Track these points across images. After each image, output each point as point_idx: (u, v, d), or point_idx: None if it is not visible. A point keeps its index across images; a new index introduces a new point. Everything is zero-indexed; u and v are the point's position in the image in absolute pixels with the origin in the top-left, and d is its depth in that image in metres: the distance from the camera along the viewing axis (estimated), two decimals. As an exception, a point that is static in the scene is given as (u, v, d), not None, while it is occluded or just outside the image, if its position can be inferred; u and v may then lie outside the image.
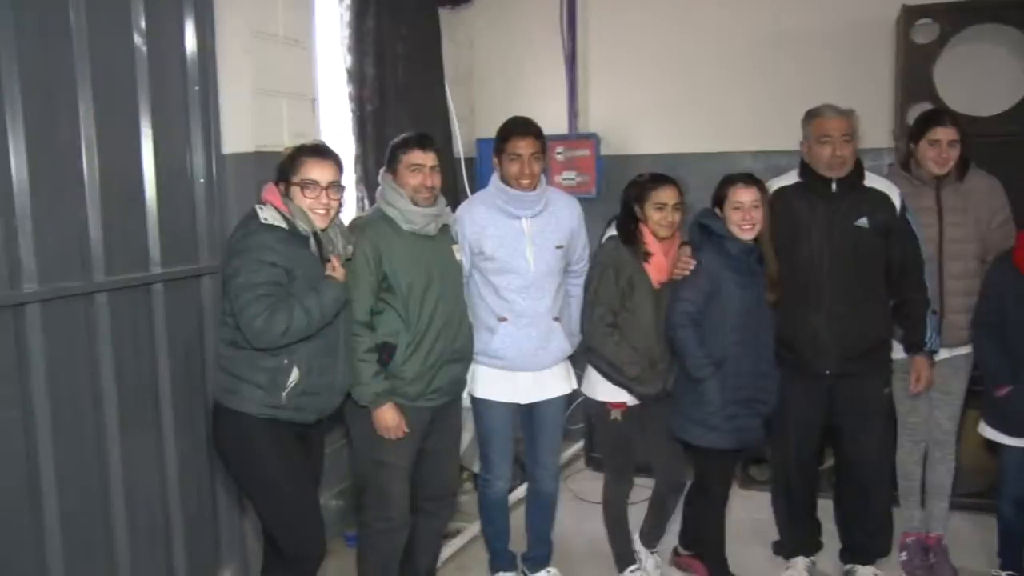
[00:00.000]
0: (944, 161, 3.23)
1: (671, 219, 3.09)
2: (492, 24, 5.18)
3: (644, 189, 3.11)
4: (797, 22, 4.63)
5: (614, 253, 3.11)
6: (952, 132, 3.23)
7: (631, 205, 3.15)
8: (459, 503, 3.79)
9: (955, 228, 3.25)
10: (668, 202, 3.08)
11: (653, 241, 3.10)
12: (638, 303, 3.10)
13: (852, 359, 3.15)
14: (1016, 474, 3.19)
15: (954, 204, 3.26)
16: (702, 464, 3.26)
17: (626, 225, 3.13)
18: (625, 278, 3.08)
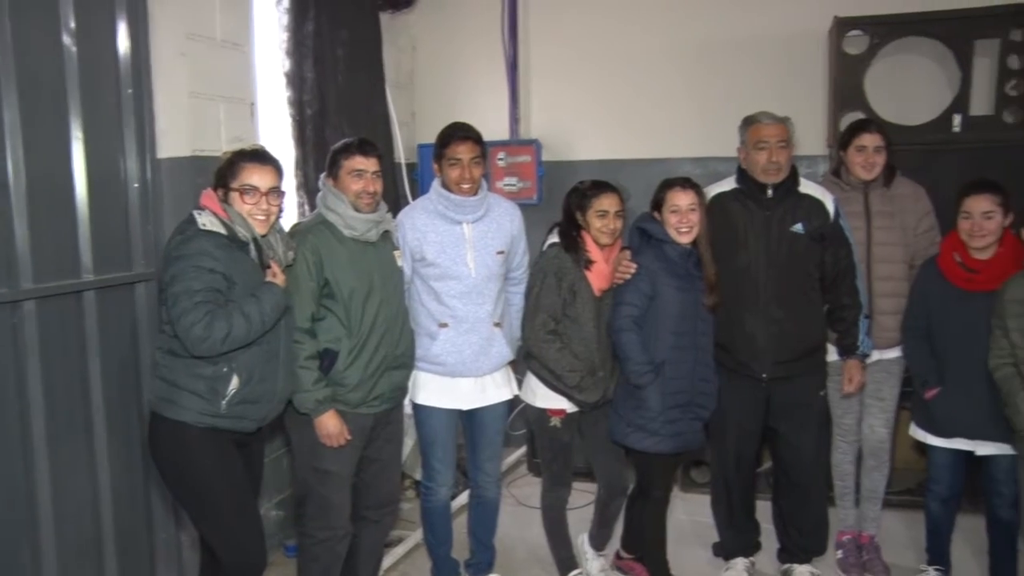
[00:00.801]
0: (871, 166, 3.33)
1: (613, 226, 3.12)
2: (434, 29, 5.18)
3: (585, 196, 3.13)
4: (735, 31, 4.72)
5: (556, 260, 3.11)
6: (877, 138, 3.34)
7: (573, 212, 3.16)
8: (401, 511, 3.77)
9: (882, 232, 3.35)
10: (609, 209, 3.11)
11: (595, 249, 3.12)
12: (579, 311, 3.11)
13: (788, 362, 3.22)
14: (943, 473, 3.28)
15: (881, 209, 3.36)
16: (643, 468, 3.29)
17: (568, 232, 3.15)
18: (567, 285, 3.10)
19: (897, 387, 3.46)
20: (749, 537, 3.59)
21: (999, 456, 3.11)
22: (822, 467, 3.47)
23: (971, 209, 3.04)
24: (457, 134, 3.09)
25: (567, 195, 3.22)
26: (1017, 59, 4.11)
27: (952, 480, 3.28)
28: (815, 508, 3.43)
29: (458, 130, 3.11)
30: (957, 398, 3.12)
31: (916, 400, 3.31)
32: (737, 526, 3.54)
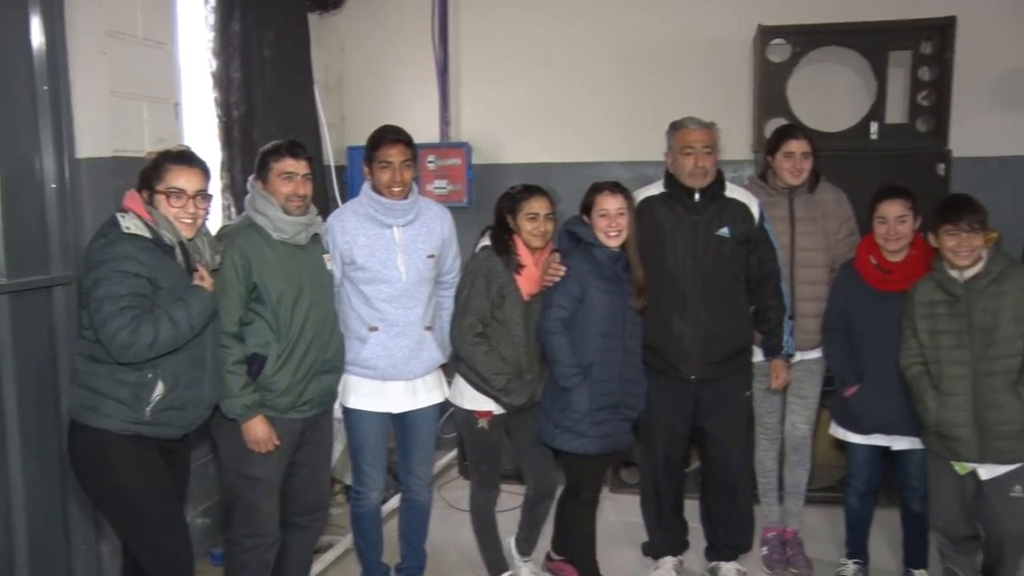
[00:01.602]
0: (798, 172, 3.42)
1: (543, 229, 3.14)
2: (363, 31, 5.14)
3: (516, 200, 3.15)
4: (664, 38, 4.80)
5: (487, 263, 3.12)
6: (805, 144, 3.42)
7: (504, 216, 3.18)
8: (331, 516, 3.73)
9: (806, 237, 3.44)
10: (540, 212, 3.13)
11: (526, 252, 3.14)
12: (508, 314, 3.13)
13: (715, 364, 3.28)
14: (862, 469, 3.39)
15: (805, 214, 3.45)
16: (572, 469, 3.32)
17: (499, 236, 3.16)
18: (496, 288, 3.11)
19: (819, 386, 3.56)
20: (677, 536, 3.64)
21: (913, 451, 3.22)
22: (748, 466, 3.54)
23: (885, 213, 3.15)
24: (388, 136, 3.08)
25: (499, 199, 3.24)
26: (928, 71, 4.29)
27: (870, 475, 3.39)
28: (741, 506, 3.50)
29: (389, 132, 3.10)
30: (874, 395, 3.22)
31: (836, 398, 3.41)
32: (666, 525, 3.59)
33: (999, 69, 4.45)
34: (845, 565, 3.53)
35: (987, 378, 2.90)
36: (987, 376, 2.90)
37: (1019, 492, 2.94)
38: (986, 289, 2.92)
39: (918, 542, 3.44)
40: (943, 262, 2.99)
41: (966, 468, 2.98)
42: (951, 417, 2.94)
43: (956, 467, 3.00)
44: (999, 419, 2.88)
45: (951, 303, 2.96)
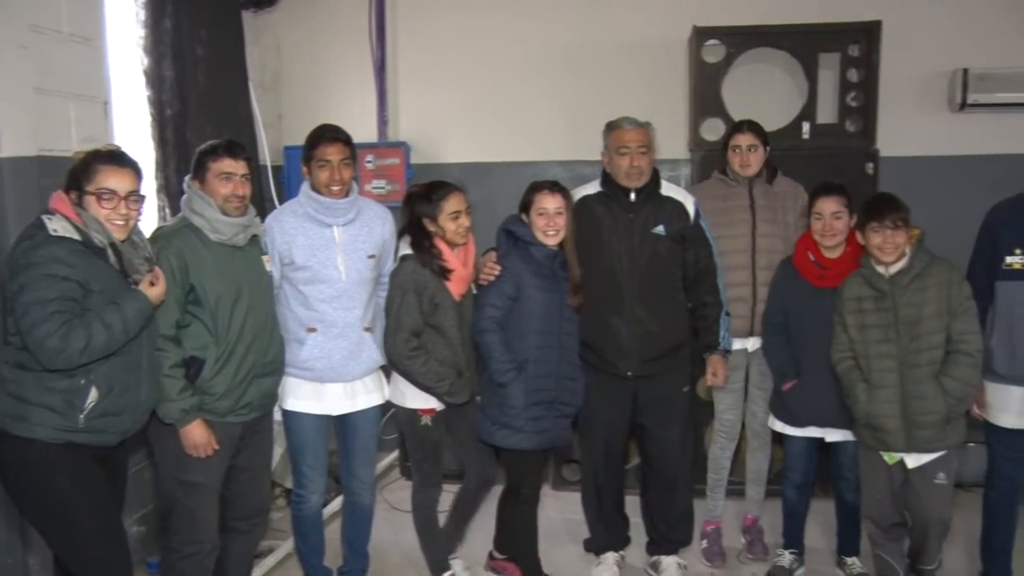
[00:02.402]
0: (745, 163, 3.51)
1: (467, 224, 3.15)
2: (299, 29, 5.07)
3: (433, 201, 3.12)
4: (601, 38, 4.84)
5: (414, 276, 3.08)
6: (749, 137, 3.52)
7: (420, 220, 3.14)
8: (271, 520, 3.68)
9: (765, 224, 3.51)
10: (461, 208, 3.14)
11: (451, 256, 3.12)
12: (442, 320, 3.12)
13: (652, 360, 3.33)
14: (798, 461, 3.47)
15: (764, 203, 3.53)
16: (511, 466, 3.34)
17: (421, 244, 3.12)
18: (428, 299, 3.09)
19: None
20: (619, 531, 3.68)
21: (846, 443, 3.31)
22: (687, 461, 3.59)
23: (822, 210, 3.23)
24: (326, 135, 3.05)
25: (409, 203, 3.19)
26: (856, 72, 4.40)
27: (806, 467, 3.47)
28: (681, 501, 3.56)
29: (327, 131, 3.07)
30: (811, 389, 3.29)
31: (775, 393, 3.48)
32: (607, 521, 3.62)
33: (923, 72, 4.60)
34: (782, 555, 3.61)
35: (912, 370, 2.99)
36: (913, 368, 2.99)
37: (942, 479, 3.05)
38: (910, 284, 3.01)
39: (851, 531, 3.54)
40: (870, 259, 3.08)
41: (894, 458, 3.08)
42: (880, 409, 3.02)
43: (885, 457, 3.09)
44: (923, 409, 2.97)
45: (878, 298, 3.05)
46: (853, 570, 3.54)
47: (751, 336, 3.52)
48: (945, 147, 4.57)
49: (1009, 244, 3.03)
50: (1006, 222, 3.10)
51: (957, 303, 2.98)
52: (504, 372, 3.12)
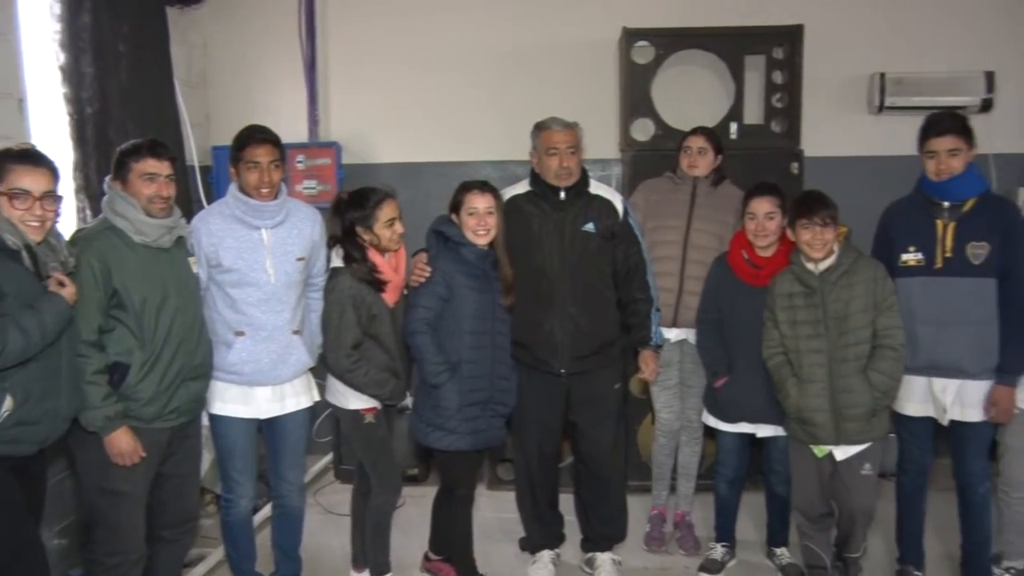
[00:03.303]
0: (693, 164, 3.63)
1: (400, 230, 3.14)
2: (226, 26, 4.97)
3: (366, 209, 3.09)
4: (533, 38, 4.85)
5: (351, 292, 3.05)
6: (700, 140, 3.64)
7: (353, 229, 3.11)
8: (201, 527, 3.60)
9: (701, 222, 3.59)
10: (395, 216, 3.13)
11: (385, 266, 3.11)
12: (379, 329, 3.11)
13: (584, 357, 3.35)
14: (730, 456, 3.54)
15: (704, 202, 3.62)
16: (445, 467, 3.34)
17: (353, 256, 3.08)
18: (365, 311, 3.07)
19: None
20: (554, 529, 3.70)
21: (776, 437, 3.39)
22: (620, 458, 3.62)
23: (755, 211, 3.30)
24: (255, 136, 3.00)
25: (339, 210, 3.14)
26: (780, 74, 4.50)
27: (738, 463, 3.54)
28: (614, 498, 3.59)
29: (256, 132, 3.02)
30: (742, 385, 3.36)
31: (707, 389, 3.54)
32: (542, 519, 3.64)
33: (844, 75, 4.73)
34: (714, 548, 3.67)
35: (841, 365, 3.07)
36: (841, 363, 3.07)
37: (868, 470, 3.15)
38: (838, 281, 3.09)
39: (780, 522, 3.63)
40: (800, 255, 3.16)
41: (823, 451, 3.15)
42: (810, 403, 3.10)
43: (815, 450, 3.17)
44: (851, 403, 3.05)
45: (807, 295, 3.12)
46: (782, 560, 3.62)
47: (674, 327, 3.59)
48: (865, 148, 4.72)
49: (903, 242, 3.15)
50: (899, 221, 3.21)
51: (882, 299, 3.07)
52: (437, 374, 3.11)
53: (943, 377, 3.11)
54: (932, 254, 3.09)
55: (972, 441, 3.16)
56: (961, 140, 3.06)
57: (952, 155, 3.05)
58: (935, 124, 3.10)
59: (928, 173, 3.11)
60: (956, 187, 3.07)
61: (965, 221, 3.06)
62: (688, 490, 3.87)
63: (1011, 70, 4.65)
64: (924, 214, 3.12)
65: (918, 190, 3.19)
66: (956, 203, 3.08)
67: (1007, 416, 3.10)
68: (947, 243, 3.07)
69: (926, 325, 3.09)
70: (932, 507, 3.39)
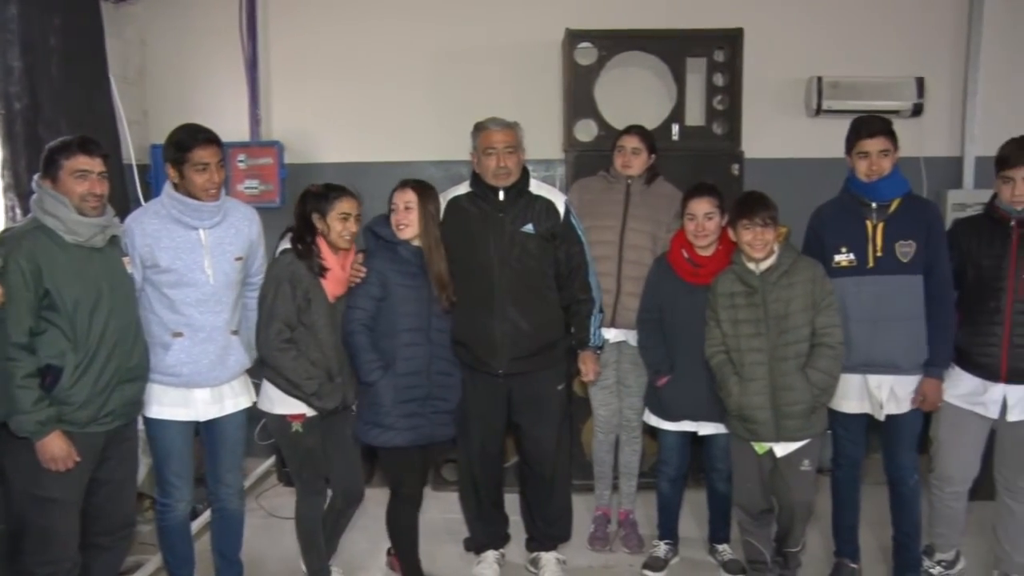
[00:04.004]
0: (627, 164, 3.65)
1: (353, 229, 3.14)
2: (165, 22, 4.88)
3: (325, 200, 3.11)
4: (477, 38, 4.86)
5: (290, 267, 3.06)
6: (634, 140, 3.67)
7: (309, 216, 3.12)
8: (139, 534, 3.52)
9: (635, 221, 3.63)
10: (351, 212, 3.12)
11: (330, 255, 3.10)
12: (314, 317, 3.08)
13: (524, 358, 3.36)
14: (672, 455, 3.57)
15: (638, 201, 3.65)
16: (387, 465, 3.35)
17: (302, 238, 3.10)
18: (301, 293, 3.06)
19: (644, 375, 3.65)
20: (498, 529, 3.70)
21: (718, 435, 3.44)
22: (564, 458, 3.62)
23: (694, 211, 3.34)
24: (202, 137, 2.93)
25: (301, 199, 3.17)
26: (721, 77, 4.57)
27: (680, 461, 3.58)
28: (559, 498, 3.60)
29: (202, 133, 2.95)
30: (684, 384, 3.39)
31: (648, 388, 3.57)
32: (486, 519, 3.64)
33: (782, 78, 4.82)
34: (657, 546, 3.71)
35: (781, 363, 3.13)
36: (781, 361, 3.13)
37: (807, 465, 3.21)
38: (778, 280, 3.15)
39: (722, 519, 3.68)
40: (741, 255, 3.21)
41: (764, 447, 3.20)
42: (751, 401, 3.15)
43: (755, 447, 3.22)
44: (791, 400, 3.11)
45: (748, 294, 3.17)
46: (724, 557, 3.67)
47: (612, 327, 3.61)
48: (803, 150, 4.81)
49: (835, 244, 3.22)
50: (829, 224, 3.28)
51: (821, 298, 3.13)
52: (369, 371, 3.13)
53: (878, 374, 3.20)
54: (864, 254, 3.17)
55: (903, 435, 3.25)
56: (889, 141, 3.15)
57: (883, 156, 3.13)
58: (866, 126, 3.18)
59: (859, 173, 3.19)
60: (884, 188, 3.15)
61: (893, 221, 3.15)
62: (630, 489, 3.91)
63: (940, 76, 4.82)
64: (854, 215, 3.20)
65: (846, 191, 3.27)
66: (883, 203, 3.17)
67: (934, 406, 3.21)
68: (877, 243, 3.15)
69: (860, 323, 3.17)
70: (866, 501, 3.47)
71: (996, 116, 4.67)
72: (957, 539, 3.46)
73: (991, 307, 3.09)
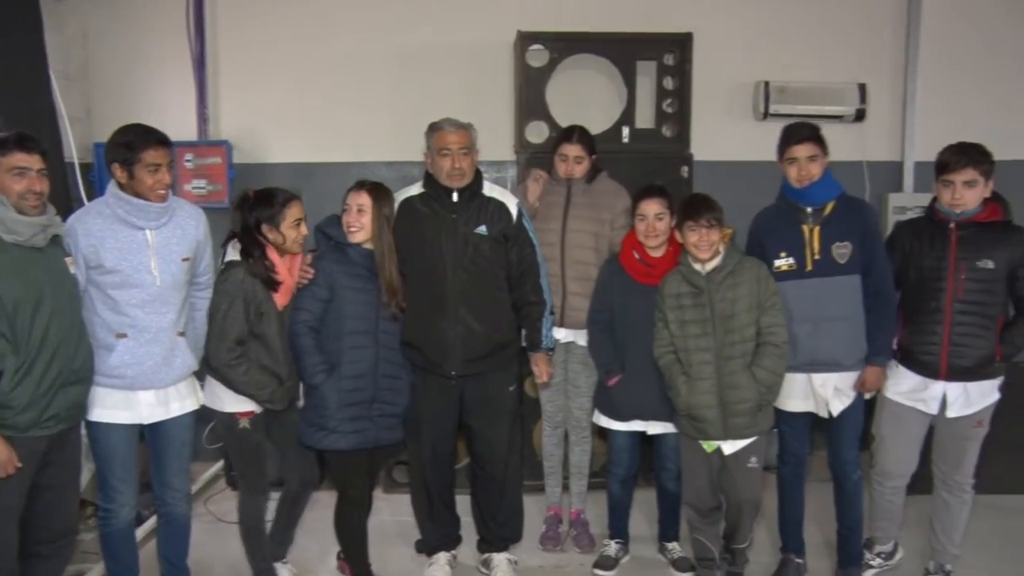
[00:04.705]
0: (570, 173, 3.68)
1: (305, 232, 3.12)
2: (109, 18, 4.78)
3: (274, 207, 3.07)
4: (429, 39, 4.85)
5: (243, 285, 3.01)
6: (576, 149, 3.69)
7: (255, 226, 3.07)
8: (81, 542, 3.44)
9: (576, 221, 3.65)
10: (302, 217, 3.10)
11: (281, 266, 3.08)
12: (266, 329, 3.06)
13: (476, 360, 3.36)
14: (622, 455, 3.61)
15: (580, 201, 3.67)
16: (334, 468, 3.33)
17: (251, 252, 3.05)
18: (254, 308, 3.03)
19: (593, 375, 3.67)
20: (450, 531, 3.69)
21: (667, 435, 3.48)
22: (515, 459, 3.63)
23: (645, 212, 3.38)
24: (153, 138, 2.87)
25: (243, 207, 3.11)
26: (671, 80, 4.63)
27: (630, 461, 3.62)
28: (510, 498, 3.61)
29: (152, 134, 2.89)
30: (634, 384, 3.43)
31: (598, 388, 3.59)
32: (437, 521, 3.63)
33: (731, 82, 4.90)
34: (608, 545, 3.74)
35: (728, 362, 3.18)
36: (728, 360, 3.18)
37: (754, 462, 3.26)
38: (724, 281, 3.20)
39: (671, 518, 3.73)
40: (687, 256, 3.25)
41: (712, 446, 3.25)
42: (699, 400, 3.19)
43: (704, 446, 3.26)
44: (738, 398, 3.16)
45: (695, 294, 3.22)
46: (673, 555, 3.72)
47: (561, 327, 3.64)
48: (751, 153, 4.88)
49: (775, 248, 3.30)
50: (769, 229, 3.36)
51: (765, 298, 3.19)
52: (313, 374, 3.12)
53: (821, 372, 3.27)
54: (802, 258, 3.25)
55: (846, 433, 3.33)
56: (817, 147, 3.23)
57: (811, 161, 3.22)
58: (794, 133, 3.27)
59: (790, 179, 3.26)
60: (816, 192, 3.24)
61: (828, 224, 3.23)
62: (581, 488, 3.93)
63: (881, 83, 4.94)
64: (790, 221, 3.28)
65: (782, 197, 3.34)
66: (817, 207, 3.25)
67: (873, 388, 3.30)
68: (814, 246, 3.23)
69: (803, 324, 3.25)
70: (810, 497, 3.53)
71: (934, 122, 4.80)
72: (896, 532, 3.57)
73: (932, 306, 3.19)
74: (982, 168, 3.10)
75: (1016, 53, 4.98)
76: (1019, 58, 4.99)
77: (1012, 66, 4.99)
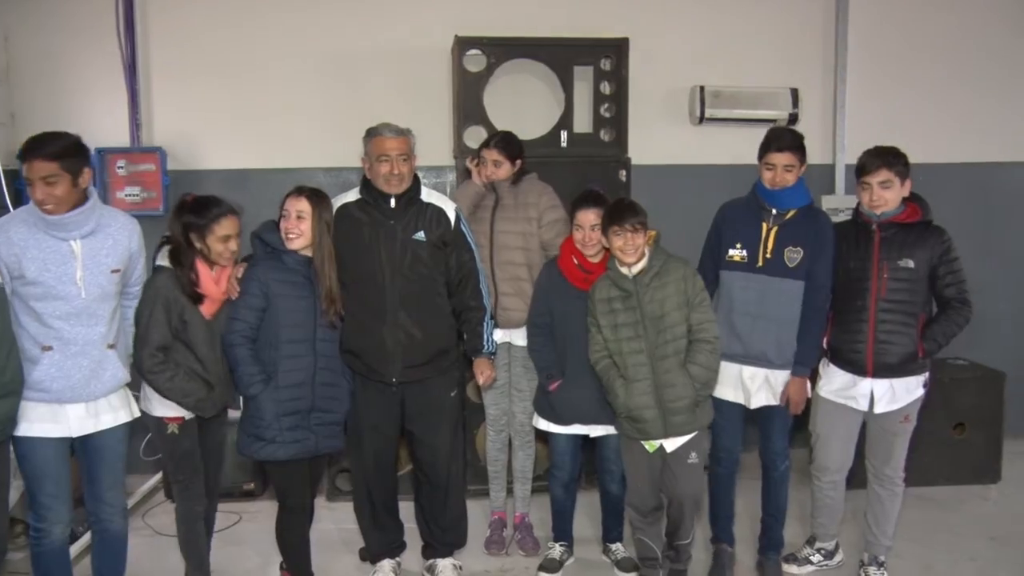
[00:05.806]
0: (489, 177, 3.70)
1: (234, 248, 3.07)
2: (31, 19, 4.65)
3: (204, 221, 3.01)
4: (366, 44, 4.82)
5: (164, 292, 2.97)
6: (494, 154, 3.70)
7: (187, 235, 3.02)
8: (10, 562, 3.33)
9: (503, 222, 3.70)
10: (231, 232, 3.05)
11: (208, 277, 3.03)
12: (192, 336, 3.02)
13: (417, 366, 3.35)
14: (564, 459, 3.62)
15: (506, 202, 3.71)
16: (274, 478, 3.29)
17: (180, 261, 3.00)
18: (176, 315, 2.99)
19: (535, 379, 3.67)
20: (393, 538, 3.67)
21: (609, 437, 3.51)
22: (458, 465, 3.63)
23: (582, 222, 3.40)
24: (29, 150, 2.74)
25: (177, 214, 3.06)
26: (608, 85, 4.67)
27: (572, 464, 3.64)
28: (454, 504, 3.61)
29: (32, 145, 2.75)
30: (574, 387, 3.44)
31: (538, 392, 3.61)
32: (381, 528, 3.61)
33: (667, 87, 4.98)
34: (552, 548, 3.76)
35: (662, 362, 3.21)
36: (662, 360, 3.21)
37: (694, 458, 3.31)
38: (651, 282, 3.25)
39: (614, 519, 3.77)
40: (615, 261, 3.29)
41: (654, 445, 3.29)
42: (637, 401, 3.22)
43: (645, 446, 3.29)
44: (675, 396, 3.20)
45: (624, 298, 3.26)
46: (617, 555, 3.75)
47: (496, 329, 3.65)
48: (688, 156, 4.98)
49: (731, 239, 3.40)
50: (730, 220, 3.45)
51: (693, 295, 3.25)
52: (249, 384, 3.07)
53: (752, 366, 3.37)
54: (755, 253, 3.35)
55: (775, 423, 3.45)
56: (796, 157, 3.32)
57: (787, 170, 3.32)
58: (776, 140, 3.35)
59: (764, 181, 3.35)
60: (784, 198, 3.33)
61: (786, 227, 3.33)
62: (525, 492, 3.95)
63: (812, 88, 5.07)
64: (753, 216, 3.37)
65: (753, 193, 3.42)
66: (782, 211, 3.33)
67: (798, 408, 3.41)
68: (769, 244, 3.33)
69: (743, 316, 3.34)
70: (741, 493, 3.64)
71: (863, 126, 4.96)
72: (835, 528, 3.66)
73: (857, 306, 3.29)
74: (896, 169, 3.23)
75: (942, 57, 5.16)
76: (946, 62, 5.17)
77: (939, 71, 5.16)
